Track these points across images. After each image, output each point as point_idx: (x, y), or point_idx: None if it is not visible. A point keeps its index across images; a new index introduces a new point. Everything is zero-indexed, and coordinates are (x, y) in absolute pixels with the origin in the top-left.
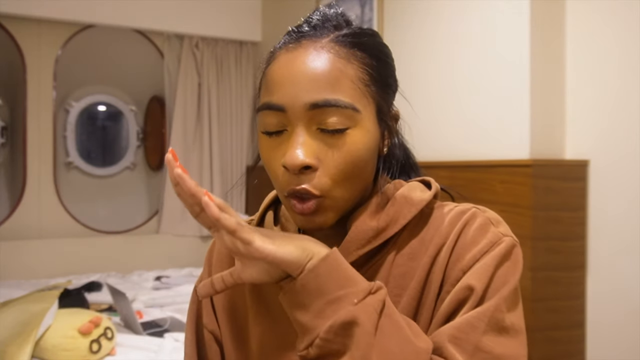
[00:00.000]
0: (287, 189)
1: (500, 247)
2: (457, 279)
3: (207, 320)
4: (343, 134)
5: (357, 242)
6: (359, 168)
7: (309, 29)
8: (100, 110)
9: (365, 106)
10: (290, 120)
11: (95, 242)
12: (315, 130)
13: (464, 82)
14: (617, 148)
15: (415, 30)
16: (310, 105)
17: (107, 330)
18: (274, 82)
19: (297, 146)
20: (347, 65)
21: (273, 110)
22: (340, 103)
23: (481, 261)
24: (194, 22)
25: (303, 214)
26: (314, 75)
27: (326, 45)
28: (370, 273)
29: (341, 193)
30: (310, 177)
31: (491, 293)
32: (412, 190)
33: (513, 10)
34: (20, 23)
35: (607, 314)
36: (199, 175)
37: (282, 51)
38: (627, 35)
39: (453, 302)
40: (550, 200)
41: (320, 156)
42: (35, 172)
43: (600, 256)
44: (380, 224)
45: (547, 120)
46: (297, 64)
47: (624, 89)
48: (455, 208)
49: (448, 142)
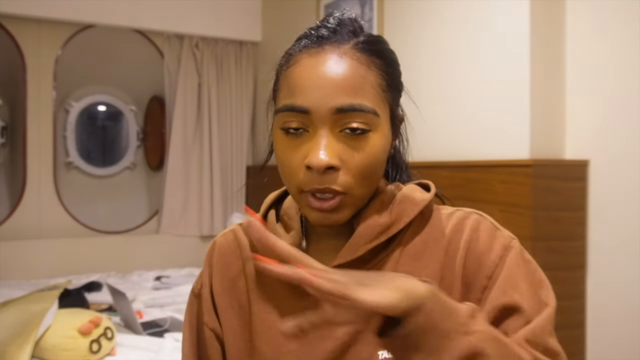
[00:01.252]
0: (309, 187)
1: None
2: (483, 285)
3: (208, 319)
4: (365, 136)
5: (365, 236)
6: (376, 169)
7: (328, 33)
8: (100, 110)
9: (383, 110)
10: (314, 123)
11: (95, 242)
12: (338, 133)
13: (464, 82)
14: (617, 148)
15: (415, 31)
16: (337, 109)
17: (107, 330)
18: (298, 85)
19: (322, 147)
20: (368, 72)
21: (296, 112)
22: (364, 108)
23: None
24: (194, 22)
25: (322, 210)
26: (339, 81)
27: (348, 52)
28: (375, 270)
29: (361, 191)
30: (334, 177)
31: (538, 298)
32: (413, 191)
33: (513, 10)
34: (20, 23)
35: (607, 314)
36: (199, 175)
37: (303, 55)
38: (627, 35)
39: (500, 308)
40: (550, 200)
41: (343, 157)
42: (35, 172)
43: (600, 256)
44: (387, 220)
45: (547, 120)
46: (321, 69)
47: (624, 89)
48: (456, 212)
49: (448, 142)
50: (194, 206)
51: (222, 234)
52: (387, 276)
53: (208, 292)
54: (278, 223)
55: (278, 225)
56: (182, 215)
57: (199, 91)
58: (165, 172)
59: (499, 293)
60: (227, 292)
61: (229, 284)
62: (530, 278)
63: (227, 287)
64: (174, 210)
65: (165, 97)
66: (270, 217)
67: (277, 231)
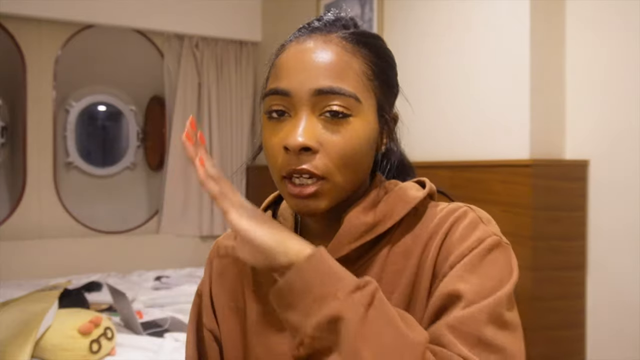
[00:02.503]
0: (286, 169)
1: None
2: (444, 273)
3: (207, 320)
4: (345, 120)
5: (349, 236)
6: (358, 156)
7: (319, 24)
8: (100, 110)
9: (367, 99)
10: (295, 106)
11: (95, 242)
12: (319, 116)
13: (464, 82)
14: (617, 148)
15: (415, 31)
16: (316, 90)
17: (107, 330)
18: (282, 69)
19: (299, 128)
20: (352, 59)
21: (279, 95)
22: (343, 91)
23: (469, 256)
24: (194, 22)
25: (300, 196)
26: (320, 64)
27: (334, 39)
28: (363, 269)
29: (341, 179)
30: (310, 159)
31: (486, 291)
32: (407, 189)
33: (513, 10)
34: (20, 23)
35: (607, 314)
36: None
37: (292, 43)
38: (627, 35)
39: (443, 296)
40: (550, 200)
41: (321, 140)
42: (35, 172)
43: (600, 256)
44: (374, 219)
45: (547, 120)
46: (305, 53)
47: (624, 89)
48: (447, 206)
49: (448, 142)
50: (194, 206)
51: (224, 235)
52: (279, 227)
53: (207, 293)
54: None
55: None
56: (182, 215)
57: (199, 91)
58: (165, 172)
59: (449, 280)
60: (224, 293)
61: (227, 286)
62: (489, 270)
63: (225, 288)
64: (174, 210)
65: (165, 97)
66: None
67: None
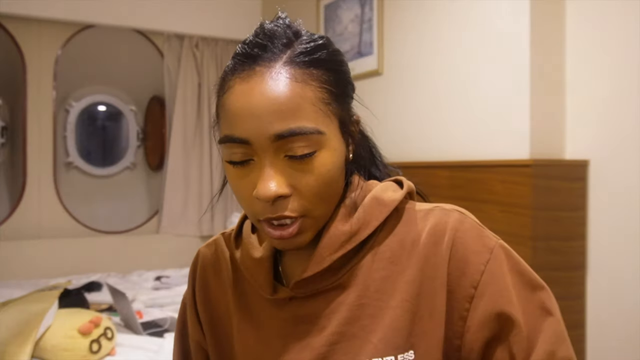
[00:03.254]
0: (263, 217)
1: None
2: (470, 294)
3: (192, 330)
4: (311, 157)
5: (330, 247)
6: (331, 186)
7: (258, 51)
8: (100, 110)
9: (329, 125)
10: (256, 151)
11: (95, 242)
12: (283, 158)
13: (464, 82)
14: (617, 148)
15: (415, 30)
16: (274, 136)
17: (107, 330)
18: (233, 114)
19: (268, 178)
20: (305, 88)
21: (237, 143)
22: (304, 130)
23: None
24: (194, 22)
25: (282, 238)
26: (274, 106)
27: (281, 70)
28: (347, 277)
29: (320, 212)
30: (285, 204)
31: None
32: (384, 191)
33: (513, 10)
34: (20, 23)
35: (607, 314)
36: (199, 175)
37: (236, 80)
38: (627, 35)
39: (488, 328)
40: (550, 200)
41: (293, 183)
42: (35, 172)
43: (600, 256)
44: (353, 227)
45: (547, 120)
46: (255, 95)
47: (624, 89)
48: (434, 210)
49: (448, 142)
50: (194, 206)
51: (205, 244)
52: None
53: (191, 304)
54: (254, 234)
55: (253, 237)
56: (182, 215)
57: (199, 91)
58: (165, 172)
59: (490, 303)
60: (209, 303)
61: (211, 296)
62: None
63: (209, 298)
64: (174, 210)
65: (165, 97)
66: (246, 227)
67: (252, 243)
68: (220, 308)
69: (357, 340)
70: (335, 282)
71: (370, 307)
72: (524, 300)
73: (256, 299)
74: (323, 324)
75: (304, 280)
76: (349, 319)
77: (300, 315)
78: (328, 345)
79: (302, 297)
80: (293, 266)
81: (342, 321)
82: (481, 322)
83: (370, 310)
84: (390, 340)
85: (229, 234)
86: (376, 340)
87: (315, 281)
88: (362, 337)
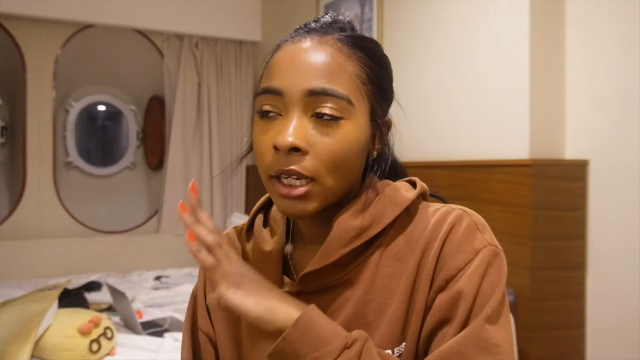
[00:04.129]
0: (275, 169)
1: (484, 256)
2: (441, 287)
3: (202, 323)
4: (337, 123)
5: (339, 241)
6: (349, 160)
7: (316, 26)
8: (100, 110)
9: (360, 103)
10: (287, 106)
11: (95, 242)
12: (310, 117)
13: (463, 82)
14: (617, 148)
15: (415, 31)
16: (308, 91)
17: (107, 330)
18: (276, 68)
19: (290, 128)
20: (347, 62)
21: (271, 94)
22: (336, 93)
23: (466, 270)
24: (194, 22)
25: (289, 197)
26: (314, 65)
27: (330, 41)
28: (354, 273)
29: (331, 182)
30: (300, 160)
31: (477, 308)
32: (397, 190)
33: (513, 10)
34: (20, 23)
35: (607, 314)
36: (199, 175)
37: (287, 43)
38: (628, 35)
39: (440, 312)
40: (550, 200)
41: (312, 142)
42: (35, 172)
43: (600, 256)
44: (364, 223)
45: (547, 120)
46: (300, 53)
47: (624, 88)
48: (441, 209)
49: (448, 142)
50: None
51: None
52: (266, 288)
53: (202, 296)
54: (266, 228)
55: (265, 231)
56: None
57: (199, 91)
58: (165, 172)
59: (447, 296)
60: None
61: None
62: (485, 297)
63: None
64: (174, 210)
65: (165, 97)
66: (258, 221)
67: (263, 237)
68: None
69: None
70: (343, 278)
71: (375, 304)
72: (477, 315)
73: None
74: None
75: (312, 274)
76: (355, 316)
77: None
78: None
79: (310, 293)
80: (303, 261)
81: (348, 318)
82: (437, 306)
83: (375, 307)
84: (389, 334)
85: (240, 227)
86: (379, 337)
87: (323, 276)
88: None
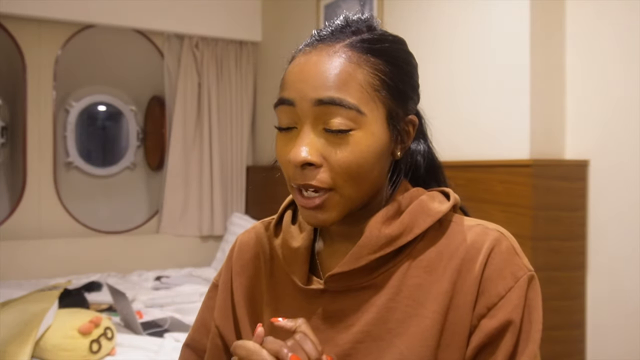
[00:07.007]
0: (296, 182)
1: (523, 283)
2: (482, 314)
3: (217, 315)
4: (347, 134)
5: (369, 247)
6: (364, 168)
7: (326, 34)
8: (100, 110)
9: (373, 110)
10: (300, 117)
11: (95, 242)
12: (321, 130)
13: (463, 82)
14: (617, 148)
15: (414, 30)
16: (317, 100)
17: (107, 330)
18: (288, 80)
19: (303, 143)
20: (357, 70)
21: (284, 105)
22: (344, 103)
23: (508, 298)
24: (194, 22)
25: (308, 208)
26: (323, 74)
27: (339, 50)
28: (381, 278)
29: (349, 191)
30: (315, 173)
31: (523, 340)
32: (431, 200)
33: (513, 10)
34: (20, 23)
35: (607, 314)
36: (199, 175)
37: (299, 54)
38: (628, 35)
39: (484, 340)
40: (550, 200)
41: (325, 154)
42: (35, 172)
43: (600, 256)
44: (394, 231)
45: (547, 120)
46: (309, 65)
47: (624, 89)
48: (476, 227)
49: (448, 142)
50: (194, 206)
51: (245, 231)
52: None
53: (226, 288)
54: (295, 225)
55: (293, 227)
56: (182, 215)
57: (199, 91)
58: (165, 172)
59: (490, 321)
60: (244, 290)
61: (247, 283)
62: (527, 322)
63: (244, 285)
64: (174, 210)
65: (165, 97)
66: (286, 218)
67: (292, 233)
68: (254, 294)
69: (382, 343)
70: (369, 282)
71: (399, 312)
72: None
73: (289, 290)
74: (351, 321)
75: (338, 275)
76: (377, 320)
77: (329, 310)
78: (353, 343)
79: (334, 292)
80: (330, 261)
81: (370, 321)
82: (482, 332)
83: (399, 314)
84: (417, 349)
85: (268, 222)
86: (403, 346)
87: (350, 278)
88: (387, 339)
